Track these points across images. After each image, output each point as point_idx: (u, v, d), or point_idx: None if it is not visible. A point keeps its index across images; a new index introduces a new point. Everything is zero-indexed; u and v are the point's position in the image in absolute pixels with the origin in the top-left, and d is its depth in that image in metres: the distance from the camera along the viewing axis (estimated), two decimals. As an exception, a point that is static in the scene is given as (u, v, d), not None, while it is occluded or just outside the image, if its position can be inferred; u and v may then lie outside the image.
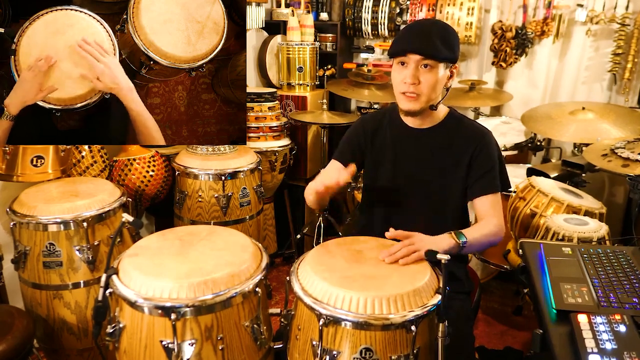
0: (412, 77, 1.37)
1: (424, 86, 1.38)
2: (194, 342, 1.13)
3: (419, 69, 1.37)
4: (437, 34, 1.37)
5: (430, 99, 1.42)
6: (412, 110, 1.43)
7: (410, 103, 1.42)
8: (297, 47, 2.99)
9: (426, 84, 1.38)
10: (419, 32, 1.39)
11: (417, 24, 1.45)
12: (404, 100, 1.43)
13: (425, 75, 1.38)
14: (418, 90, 1.39)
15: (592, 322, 0.92)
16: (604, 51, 2.73)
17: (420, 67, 1.37)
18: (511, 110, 3.02)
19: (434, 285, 1.17)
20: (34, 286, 1.71)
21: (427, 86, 1.38)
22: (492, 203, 1.45)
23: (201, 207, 2.21)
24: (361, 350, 1.08)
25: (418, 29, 1.41)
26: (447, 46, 1.36)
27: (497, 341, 2.34)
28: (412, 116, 1.48)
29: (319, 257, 1.27)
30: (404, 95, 1.42)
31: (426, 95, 1.40)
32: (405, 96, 1.41)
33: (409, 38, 1.39)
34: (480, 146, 1.47)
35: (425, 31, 1.38)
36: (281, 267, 2.97)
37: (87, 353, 1.80)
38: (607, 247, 1.33)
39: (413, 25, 1.44)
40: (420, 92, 1.39)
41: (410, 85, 1.38)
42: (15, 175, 1.78)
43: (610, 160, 1.77)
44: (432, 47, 1.35)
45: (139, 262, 1.22)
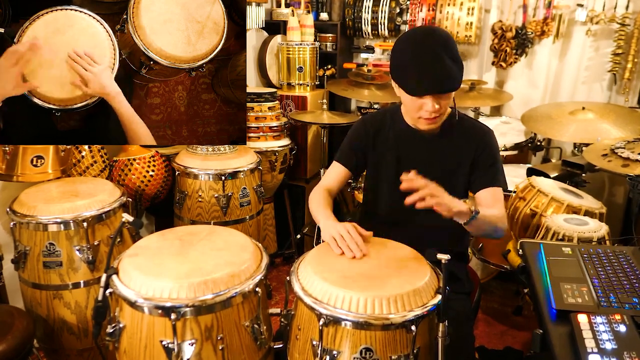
0: (433, 108, 1.36)
1: (442, 109, 1.39)
2: (194, 342, 1.13)
3: (439, 96, 1.35)
4: (447, 60, 1.29)
5: (445, 113, 1.45)
6: (433, 130, 1.45)
7: (431, 124, 1.43)
8: (297, 47, 2.99)
9: (445, 107, 1.39)
10: (430, 69, 1.30)
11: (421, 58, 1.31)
12: (424, 123, 1.43)
13: (444, 101, 1.37)
14: (438, 112, 1.38)
15: (592, 322, 0.92)
16: (604, 51, 2.73)
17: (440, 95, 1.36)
18: (511, 110, 3.03)
19: (434, 285, 1.17)
20: (34, 286, 1.71)
21: (445, 108, 1.40)
22: (495, 195, 1.46)
23: (201, 207, 2.21)
24: (361, 350, 1.08)
25: (428, 66, 1.30)
26: (458, 65, 1.33)
27: (497, 341, 2.34)
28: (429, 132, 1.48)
29: (319, 257, 1.27)
30: (422, 119, 1.41)
31: (444, 115, 1.43)
32: (426, 120, 1.41)
33: (425, 80, 1.31)
34: (483, 144, 1.48)
35: (438, 65, 1.29)
36: (281, 267, 2.98)
37: (87, 353, 1.80)
38: (607, 247, 1.33)
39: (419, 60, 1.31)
40: (440, 113, 1.39)
41: (432, 113, 1.37)
42: (15, 175, 1.78)
43: (610, 160, 1.77)
44: (450, 81, 1.31)
45: (139, 262, 1.22)
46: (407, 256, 1.29)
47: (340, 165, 1.58)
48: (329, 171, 1.62)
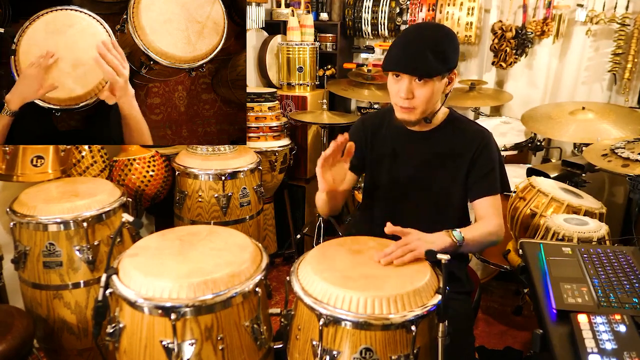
0: (407, 91, 1.36)
1: (418, 100, 1.38)
2: (194, 342, 1.13)
3: (413, 83, 1.36)
4: (428, 48, 1.32)
5: (426, 111, 1.42)
6: (406, 121, 1.44)
7: (405, 114, 1.42)
8: (297, 47, 2.99)
9: (421, 98, 1.37)
10: (408, 49, 1.35)
11: (405, 39, 1.38)
12: (400, 112, 1.43)
13: (419, 90, 1.36)
14: (413, 103, 1.38)
15: (592, 322, 0.92)
16: (604, 51, 2.73)
17: (414, 81, 1.36)
18: (511, 110, 3.02)
19: (434, 285, 1.17)
20: (34, 286, 1.72)
21: (421, 100, 1.38)
22: (492, 204, 1.45)
23: (201, 207, 2.20)
24: (361, 350, 1.08)
25: (407, 46, 1.36)
26: (440, 59, 1.33)
27: (497, 341, 2.34)
28: (408, 126, 1.48)
29: (319, 257, 1.27)
30: (397, 107, 1.42)
31: (421, 108, 1.40)
32: (401, 108, 1.41)
33: (400, 56, 1.35)
34: (480, 147, 1.46)
35: (414, 49, 1.34)
36: (281, 267, 2.97)
37: (87, 353, 1.80)
38: (607, 247, 1.32)
39: (402, 40, 1.38)
40: (415, 105, 1.39)
41: (404, 100, 1.38)
42: (15, 175, 1.78)
43: (610, 160, 1.76)
44: (423, 65, 1.32)
45: (139, 262, 1.22)
46: (407, 256, 1.28)
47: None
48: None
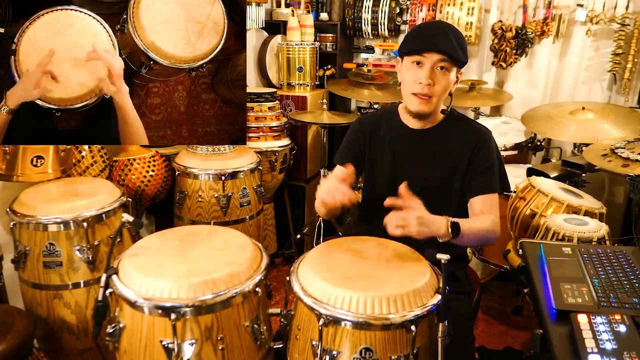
0: (428, 77, 1.36)
1: (437, 88, 1.38)
2: (194, 342, 1.13)
3: (435, 71, 1.36)
4: (452, 33, 1.36)
5: (440, 103, 1.43)
6: (422, 112, 1.42)
7: (422, 105, 1.41)
8: (297, 47, 2.99)
9: (440, 86, 1.38)
10: (437, 31, 1.37)
11: (433, 24, 1.43)
12: (416, 102, 1.41)
13: (439, 77, 1.37)
14: (432, 91, 1.38)
15: (592, 322, 0.92)
16: (604, 51, 2.73)
17: (436, 68, 1.36)
18: (511, 110, 3.02)
19: (434, 285, 1.17)
20: (34, 286, 1.71)
21: (440, 88, 1.38)
22: (488, 202, 1.44)
23: (201, 207, 2.20)
24: (361, 350, 1.08)
25: (436, 28, 1.40)
26: (463, 50, 1.37)
27: (497, 341, 2.34)
28: (420, 119, 1.47)
29: (319, 257, 1.27)
30: (415, 96, 1.40)
31: (437, 98, 1.40)
32: (418, 97, 1.40)
33: (428, 36, 1.37)
34: (479, 145, 1.46)
35: (444, 31, 1.37)
36: (281, 267, 2.97)
37: (87, 353, 1.80)
38: (607, 247, 1.32)
39: (429, 24, 1.41)
40: (433, 93, 1.39)
41: (425, 87, 1.37)
42: (15, 175, 1.78)
43: (610, 160, 1.77)
44: (450, 45, 1.34)
45: (139, 262, 1.22)
46: (407, 256, 1.29)
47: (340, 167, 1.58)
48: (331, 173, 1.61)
